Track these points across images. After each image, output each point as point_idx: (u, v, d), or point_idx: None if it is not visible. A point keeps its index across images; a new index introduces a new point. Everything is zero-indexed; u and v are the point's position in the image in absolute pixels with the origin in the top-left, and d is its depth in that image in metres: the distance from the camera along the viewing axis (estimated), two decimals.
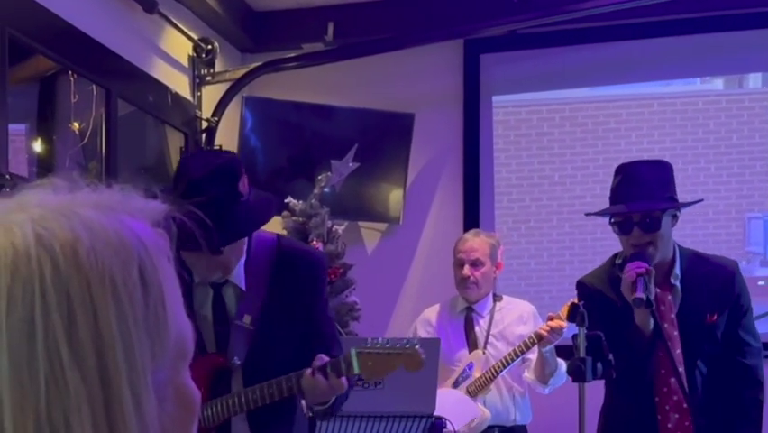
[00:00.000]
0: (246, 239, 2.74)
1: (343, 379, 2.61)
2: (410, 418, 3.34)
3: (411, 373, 3.34)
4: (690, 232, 5.12)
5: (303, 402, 2.81)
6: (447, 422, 3.60)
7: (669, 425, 3.35)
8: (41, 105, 4.59)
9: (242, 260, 2.75)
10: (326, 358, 2.61)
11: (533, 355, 4.34)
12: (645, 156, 5.14)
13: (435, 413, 3.44)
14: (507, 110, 5.85)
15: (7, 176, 3.64)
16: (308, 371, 2.59)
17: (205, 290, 2.76)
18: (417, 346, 2.61)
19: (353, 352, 2.61)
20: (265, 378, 2.67)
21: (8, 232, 0.71)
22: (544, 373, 4.24)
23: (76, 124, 4.54)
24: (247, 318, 2.72)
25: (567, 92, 5.79)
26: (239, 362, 2.71)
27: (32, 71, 4.45)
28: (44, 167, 4.42)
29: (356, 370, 2.60)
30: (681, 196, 3.59)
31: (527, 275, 5.72)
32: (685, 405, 3.32)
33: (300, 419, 2.93)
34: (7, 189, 3.11)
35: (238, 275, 2.74)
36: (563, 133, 5.76)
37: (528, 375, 4.39)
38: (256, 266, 2.76)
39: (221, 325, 2.74)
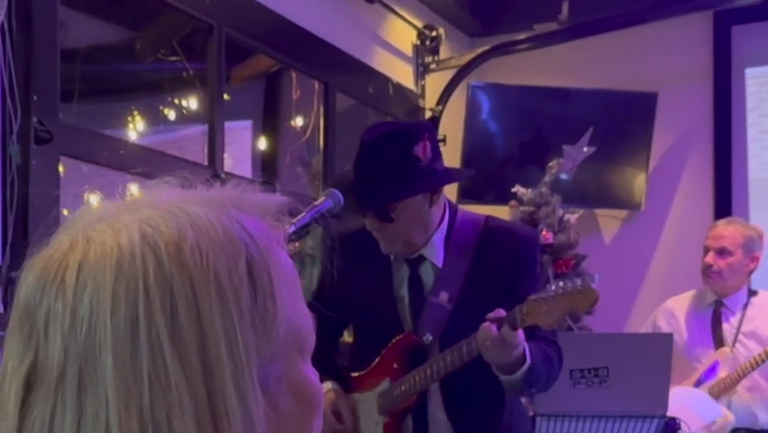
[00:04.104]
0: (441, 215, 2.76)
1: (519, 332, 2.49)
2: (640, 418, 3.26)
3: (640, 371, 3.29)
4: None
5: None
6: (682, 423, 3.48)
7: None
8: (266, 102, 4.80)
9: (440, 236, 2.75)
10: (504, 312, 2.52)
11: None
12: None
13: (669, 413, 3.33)
14: (760, 80, 5.59)
15: (222, 174, 3.83)
16: (484, 324, 2.51)
17: (403, 269, 2.79)
18: (592, 284, 2.48)
19: (529, 300, 2.50)
20: None
21: (116, 232, 0.76)
22: None
23: (298, 120, 4.72)
24: (444, 296, 2.72)
25: None
26: (431, 339, 2.71)
27: (254, 69, 4.66)
28: (267, 163, 4.63)
29: (531, 319, 2.48)
30: None
31: None
32: None
33: (513, 414, 2.85)
34: None
35: (434, 251, 2.75)
36: None
37: None
38: (458, 243, 2.75)
39: (417, 302, 2.75)
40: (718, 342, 4.34)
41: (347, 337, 3.10)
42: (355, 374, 2.87)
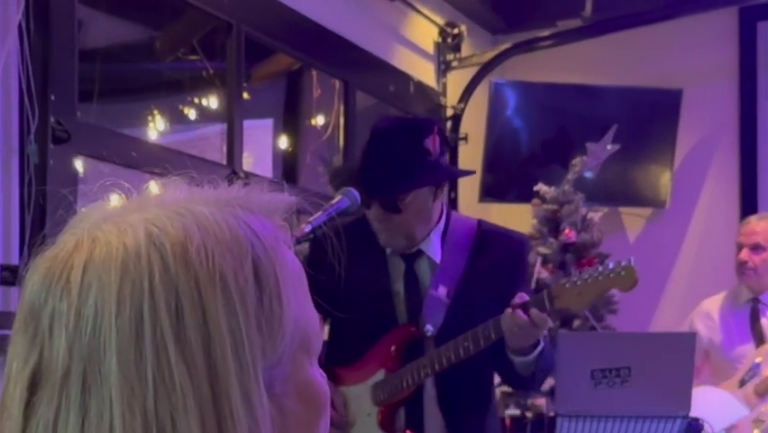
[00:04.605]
0: (439, 213, 2.83)
1: (546, 315, 2.59)
2: (662, 418, 3.23)
3: (662, 371, 3.26)
4: None
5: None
6: (705, 424, 3.45)
7: None
8: (287, 100, 4.81)
9: (437, 233, 2.82)
10: (527, 297, 2.61)
11: None
12: None
13: (692, 414, 3.30)
14: None
15: (241, 174, 3.84)
16: (508, 309, 2.58)
17: (399, 263, 2.84)
18: (631, 264, 2.55)
19: (557, 284, 2.61)
20: None
21: (121, 232, 0.76)
22: None
23: (318, 119, 4.73)
24: (442, 290, 2.79)
25: None
26: (431, 330, 2.76)
27: (274, 68, 4.67)
28: (288, 162, 4.63)
29: (561, 303, 2.60)
30: None
31: None
32: None
33: (494, 417, 2.96)
34: None
35: (432, 247, 2.82)
36: None
37: None
38: (454, 241, 2.83)
39: (413, 296, 2.81)
40: (759, 339, 4.29)
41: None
42: (341, 367, 2.87)
